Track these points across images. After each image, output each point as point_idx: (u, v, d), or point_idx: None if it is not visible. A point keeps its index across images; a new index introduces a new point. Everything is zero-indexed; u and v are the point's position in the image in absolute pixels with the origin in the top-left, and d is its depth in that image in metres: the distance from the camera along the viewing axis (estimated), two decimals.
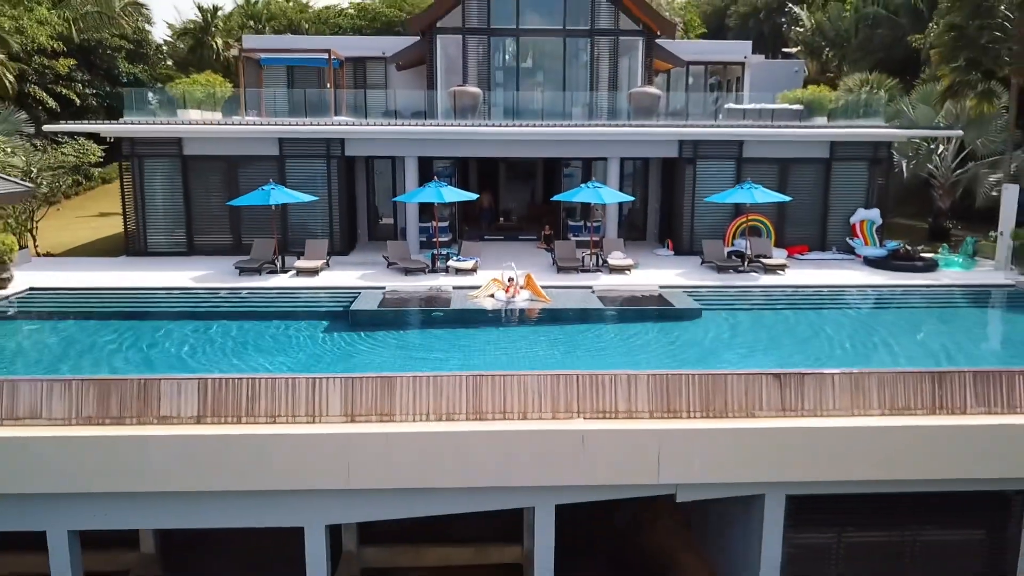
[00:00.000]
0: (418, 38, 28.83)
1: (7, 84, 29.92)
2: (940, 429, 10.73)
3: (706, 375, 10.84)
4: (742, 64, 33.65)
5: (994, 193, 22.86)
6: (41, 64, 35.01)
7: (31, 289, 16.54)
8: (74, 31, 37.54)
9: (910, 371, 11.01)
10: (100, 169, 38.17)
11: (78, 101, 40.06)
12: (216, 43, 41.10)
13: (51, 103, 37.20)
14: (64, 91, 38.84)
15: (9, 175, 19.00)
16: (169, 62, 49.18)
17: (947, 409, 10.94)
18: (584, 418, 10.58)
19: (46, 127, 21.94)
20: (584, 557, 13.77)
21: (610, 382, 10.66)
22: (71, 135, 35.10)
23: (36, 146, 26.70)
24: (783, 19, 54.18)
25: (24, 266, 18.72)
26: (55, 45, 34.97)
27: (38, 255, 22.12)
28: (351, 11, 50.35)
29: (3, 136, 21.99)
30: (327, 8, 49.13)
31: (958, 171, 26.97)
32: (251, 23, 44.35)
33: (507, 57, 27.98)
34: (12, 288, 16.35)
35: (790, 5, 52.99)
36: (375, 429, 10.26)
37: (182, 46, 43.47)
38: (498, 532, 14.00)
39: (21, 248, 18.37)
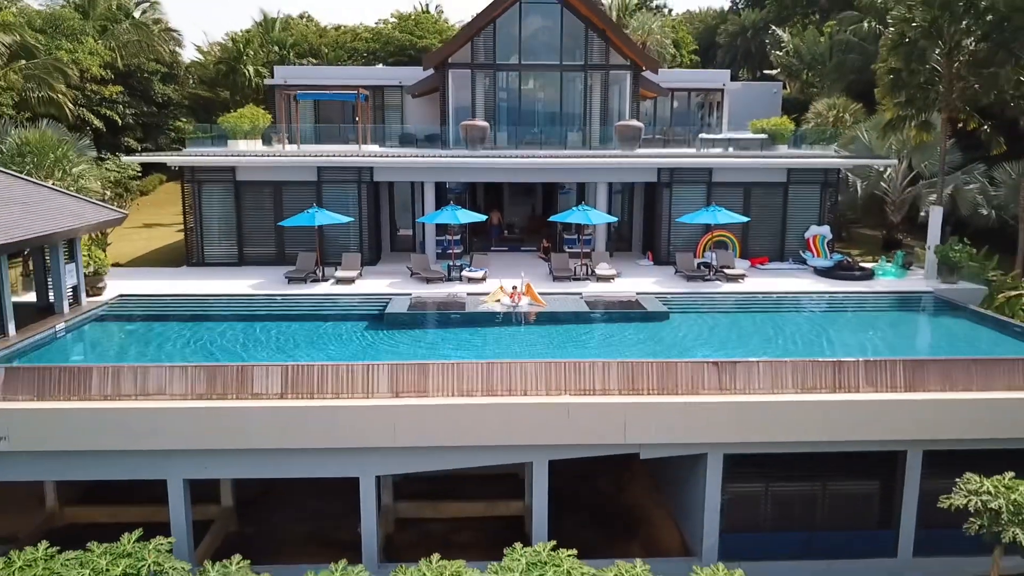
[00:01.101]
0: (431, 71, 32.10)
1: (67, 111, 33.26)
2: (838, 403, 14.04)
3: (662, 362, 14.17)
4: (721, 90, 36.95)
5: (923, 213, 26.14)
6: (92, 90, 38.37)
7: (120, 296, 19.85)
8: (119, 59, 40.91)
9: (816, 360, 14.33)
10: (138, 182, 41.55)
11: (120, 121, 43.54)
12: (248, 71, 44.45)
13: (98, 123, 40.60)
14: (108, 112, 42.27)
15: (89, 198, 22.31)
16: (191, 82, 52.46)
17: (844, 388, 14.24)
18: (570, 394, 13.90)
19: (127, 159, 25.29)
20: (573, 514, 16.97)
21: (589, 367, 13.99)
22: (113, 152, 38.45)
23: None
24: (767, 39, 57.26)
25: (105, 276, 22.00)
26: (104, 73, 38.36)
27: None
28: (366, 35, 53.78)
29: (86, 166, 25.28)
30: (344, 33, 52.47)
31: (908, 189, 30.28)
32: (275, 48, 47.64)
33: (511, 88, 31.20)
34: (106, 295, 19.67)
35: (773, 27, 56.13)
36: (414, 402, 13.60)
37: (215, 72, 46.78)
38: (503, 490, 17.21)
39: None
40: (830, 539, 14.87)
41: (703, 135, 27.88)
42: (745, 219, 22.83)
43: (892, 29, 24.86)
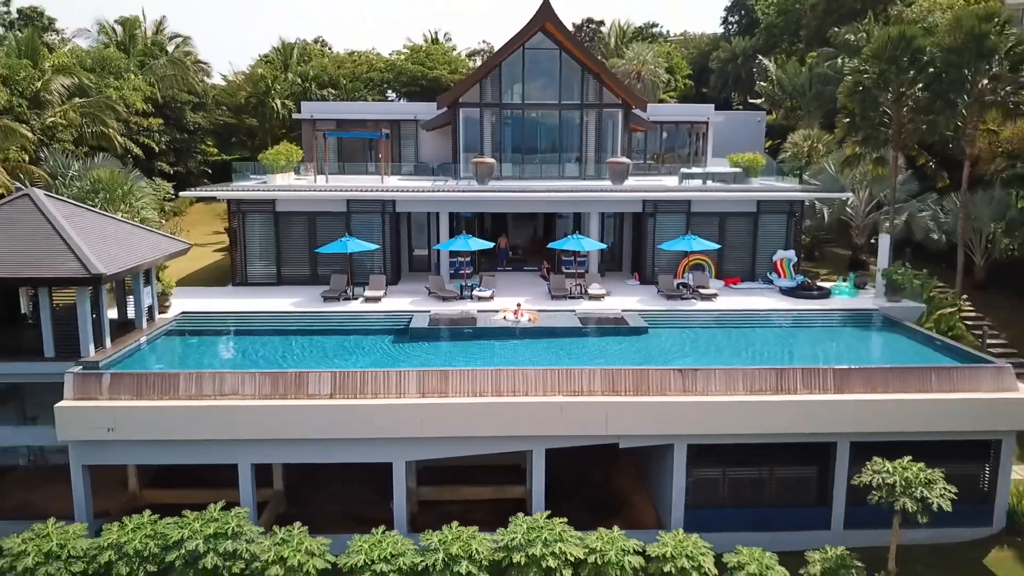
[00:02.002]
0: (444, 108, 35.32)
1: (116, 144, 36.52)
2: (780, 403, 17.13)
3: (636, 369, 17.27)
4: (706, 122, 40.07)
5: (873, 241, 29.21)
6: (135, 123, 41.64)
7: (183, 313, 22.99)
8: (158, 92, 44.27)
9: (762, 368, 17.42)
10: (171, 203, 44.71)
11: (156, 149, 46.82)
12: (276, 104, 47.82)
13: (137, 151, 43.88)
14: (146, 140, 45.54)
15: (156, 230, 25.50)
16: (218, 109, 55.71)
17: (785, 391, 17.32)
18: (562, 395, 17.01)
19: (183, 193, 28.52)
20: (568, 501, 19.89)
21: (578, 373, 17.11)
22: (149, 176, 41.58)
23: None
24: (755, 68, 60.30)
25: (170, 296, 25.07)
26: (146, 107, 41.69)
27: None
28: (381, 65, 57.17)
29: (147, 199, 28.48)
30: (360, 64, 55.84)
31: (870, 215, 33.37)
32: (299, 81, 50.99)
33: (515, 124, 34.35)
34: (171, 312, 22.83)
35: (760, 57, 59.22)
36: (437, 401, 16.73)
37: (243, 102, 50.13)
38: (508, 478, 20.16)
39: None
40: (776, 514, 17.87)
41: (684, 169, 31.02)
42: (716, 246, 25.97)
43: (849, 77, 27.95)
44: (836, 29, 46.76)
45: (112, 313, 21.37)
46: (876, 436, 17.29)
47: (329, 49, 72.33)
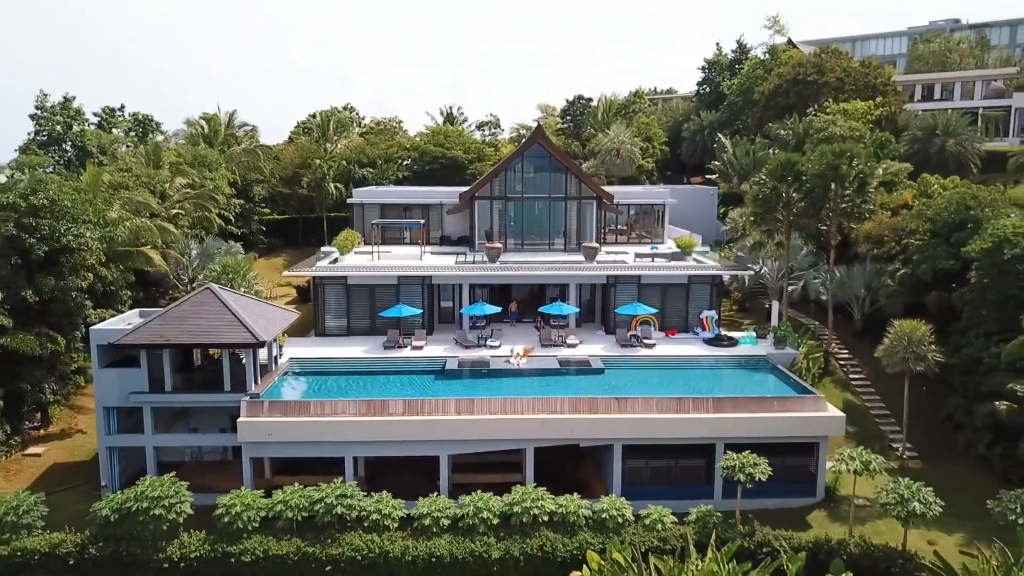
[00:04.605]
0: (464, 200, 45.03)
1: (215, 224, 46.26)
2: (679, 419, 26.40)
3: (591, 398, 26.64)
4: (663, 204, 49.72)
5: (767, 306, 38.64)
6: (224, 204, 51.40)
7: (291, 359, 32.45)
8: (237, 176, 54.18)
9: (668, 397, 26.82)
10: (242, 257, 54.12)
11: (232, 218, 56.58)
12: (330, 188, 57.77)
13: (219, 222, 53.58)
14: (224, 212, 55.32)
15: (258, 297, 35.12)
16: (275, 179, 65.46)
17: (683, 411, 26.62)
18: (543, 414, 26.40)
19: (286, 273, 38.15)
20: (552, 484, 28.99)
21: (554, 400, 26.47)
22: (224, 239, 50.97)
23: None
24: (715, 144, 69.82)
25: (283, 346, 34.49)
26: (231, 191, 51.54)
27: None
28: (407, 144, 67.30)
29: (260, 280, 38.19)
30: (392, 145, 65.97)
31: (780, 280, 42.81)
32: (343, 163, 60.94)
33: (516, 211, 44.00)
34: (285, 358, 32.28)
35: (719, 135, 68.77)
36: (467, 417, 26.10)
37: (304, 185, 60.02)
38: (510, 469, 29.30)
39: None
40: (680, 489, 26.88)
41: (637, 251, 40.63)
42: (655, 311, 35.46)
43: (754, 187, 37.50)
44: (770, 125, 56.62)
45: None
46: (741, 440, 26.39)
47: (358, 114, 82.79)
